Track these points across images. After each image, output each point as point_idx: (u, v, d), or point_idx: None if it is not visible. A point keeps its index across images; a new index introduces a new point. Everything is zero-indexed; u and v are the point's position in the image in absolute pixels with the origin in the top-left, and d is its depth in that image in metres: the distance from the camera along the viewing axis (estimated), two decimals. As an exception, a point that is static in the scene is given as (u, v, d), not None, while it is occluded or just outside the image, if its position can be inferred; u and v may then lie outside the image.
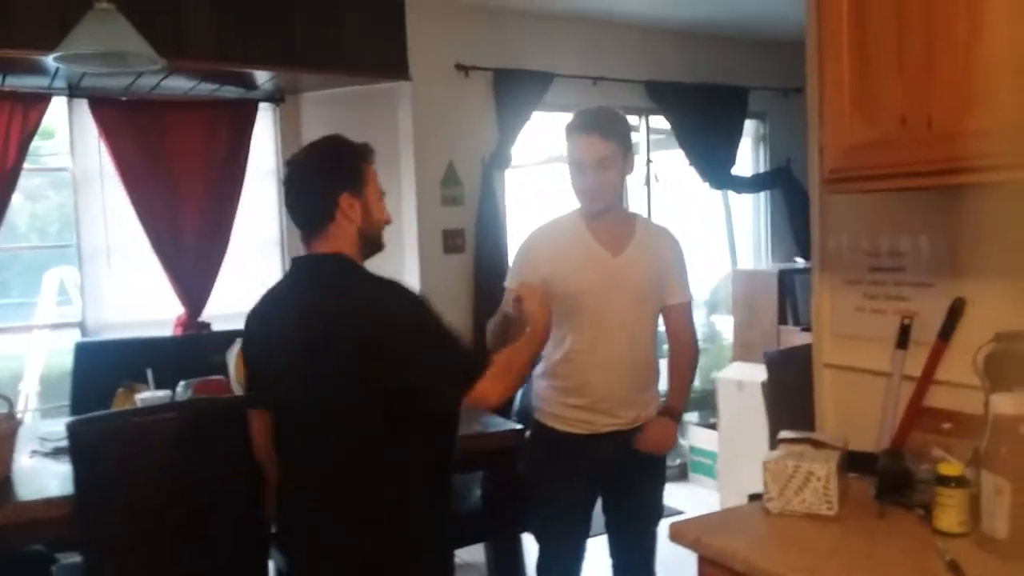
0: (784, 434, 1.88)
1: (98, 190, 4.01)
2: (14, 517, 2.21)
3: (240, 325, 3.59)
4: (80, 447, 2.15)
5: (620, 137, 2.34)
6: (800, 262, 4.95)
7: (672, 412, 2.48)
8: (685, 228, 5.62)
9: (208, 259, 4.14)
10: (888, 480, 1.76)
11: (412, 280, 4.14)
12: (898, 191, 1.83)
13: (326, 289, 1.90)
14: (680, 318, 2.53)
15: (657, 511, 2.55)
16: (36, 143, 3.88)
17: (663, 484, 2.59)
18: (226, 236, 4.19)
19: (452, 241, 4.24)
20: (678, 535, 1.69)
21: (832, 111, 1.76)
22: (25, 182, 3.93)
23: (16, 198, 3.86)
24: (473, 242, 4.29)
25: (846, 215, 2.10)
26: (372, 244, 1.99)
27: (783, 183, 5.22)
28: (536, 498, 2.49)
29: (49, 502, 2.24)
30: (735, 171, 5.10)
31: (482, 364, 1.86)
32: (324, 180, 1.92)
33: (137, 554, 2.24)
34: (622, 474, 2.44)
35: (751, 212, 5.45)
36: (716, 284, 5.60)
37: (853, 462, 1.86)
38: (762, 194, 5.36)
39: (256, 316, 2.05)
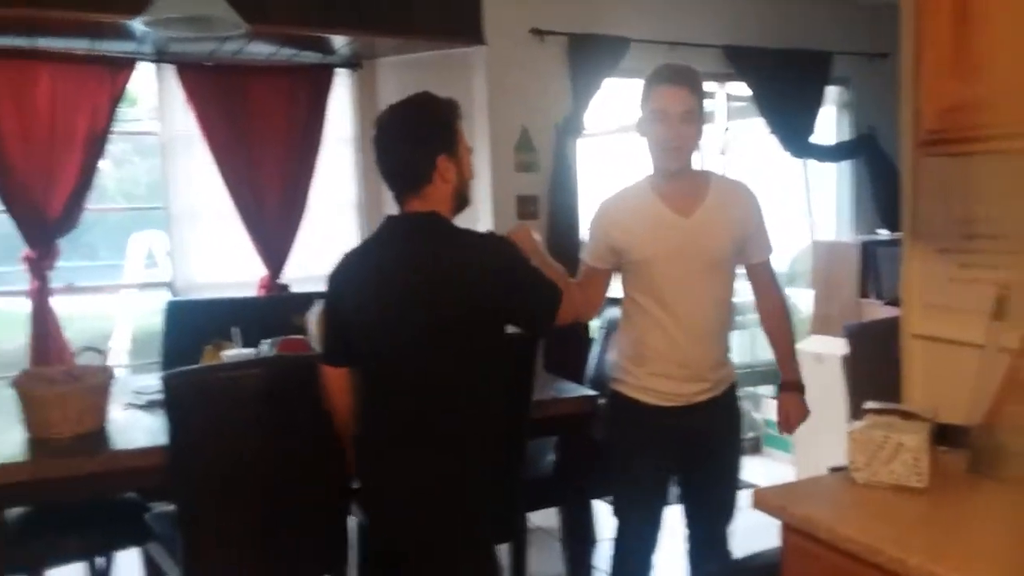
0: (870, 404, 1.84)
1: (185, 154, 4.12)
2: (110, 465, 2.32)
3: (319, 287, 3.69)
4: (174, 399, 2.24)
5: (701, 98, 2.30)
6: (884, 234, 4.80)
7: (795, 386, 2.50)
8: (762, 199, 5.51)
9: (288, 223, 4.23)
10: (981, 453, 1.71)
11: (486, 246, 4.16)
12: (997, 153, 1.75)
13: (429, 244, 1.97)
14: (767, 275, 2.48)
15: (733, 483, 2.52)
16: (121, 110, 3.99)
17: (739, 456, 2.55)
18: (304, 200, 4.27)
19: (526, 207, 4.23)
20: (761, 502, 1.67)
21: (929, 69, 1.69)
22: (111, 148, 4.05)
23: (103, 164, 4.00)
24: (547, 209, 4.28)
25: (939, 181, 2.02)
26: (463, 201, 2.05)
27: (867, 152, 5.05)
28: (614, 469, 2.48)
29: (143, 451, 2.34)
30: (816, 139, 4.95)
31: (561, 290, 2.06)
32: (422, 144, 1.95)
33: (226, 503, 2.34)
34: (698, 445, 2.40)
35: (833, 182, 5.29)
36: (794, 256, 5.48)
37: (943, 435, 1.81)
38: (844, 164, 5.20)
39: (345, 274, 2.07)
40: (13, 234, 3.80)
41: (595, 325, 3.64)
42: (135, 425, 2.57)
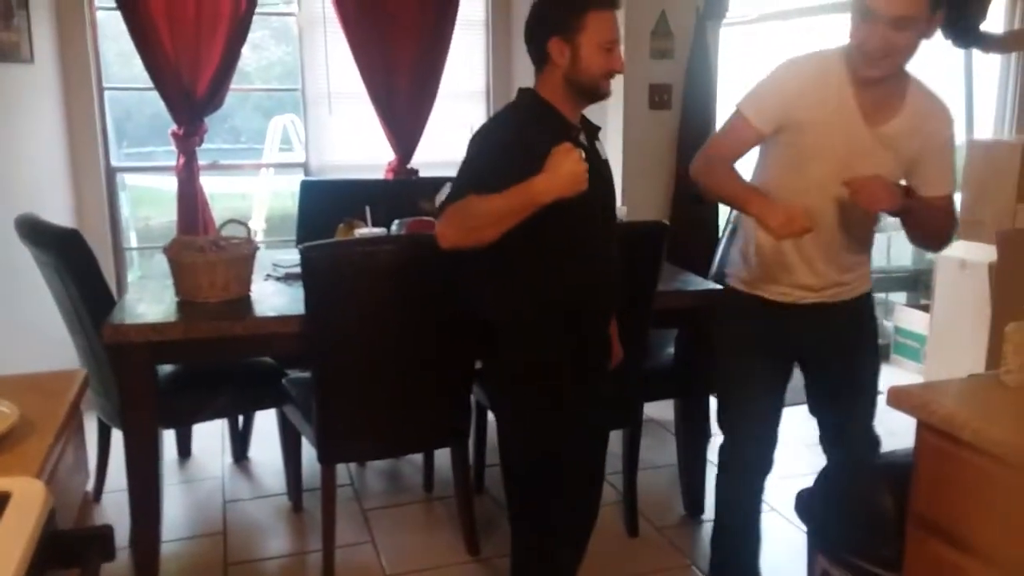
0: (1030, 307, 1.72)
1: (321, 37, 4.17)
2: (253, 329, 2.45)
3: (444, 173, 3.72)
4: (311, 269, 2.33)
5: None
6: (1051, 135, 4.39)
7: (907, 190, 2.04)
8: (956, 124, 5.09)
9: (418, 108, 4.25)
10: None
11: (615, 135, 4.07)
12: None
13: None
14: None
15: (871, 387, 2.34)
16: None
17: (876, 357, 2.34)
18: (435, 86, 4.27)
19: (658, 96, 4.08)
20: (899, 400, 1.61)
21: None
22: (250, 34, 4.10)
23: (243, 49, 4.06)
24: (680, 99, 4.12)
25: None
26: (583, 90, 1.94)
27: (1041, 42, 4.56)
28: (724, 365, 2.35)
29: (283, 319, 2.45)
30: (986, 27, 4.50)
31: (444, 205, 1.89)
32: (537, 24, 1.95)
33: (357, 371, 2.45)
34: (825, 344, 2.26)
35: (998, 75, 4.84)
36: (944, 156, 5.10)
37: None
38: (1014, 56, 4.73)
39: None
40: (162, 114, 3.99)
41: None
42: (274, 295, 2.69)
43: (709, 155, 2.11)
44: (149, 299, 2.61)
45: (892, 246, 5.26)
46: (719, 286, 2.95)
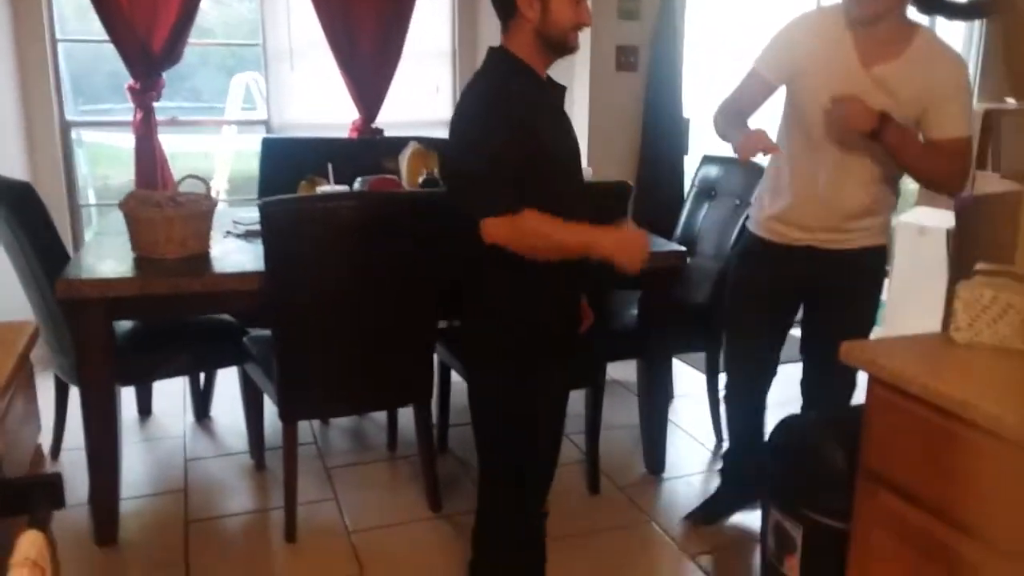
0: (981, 265, 1.75)
1: (283, -10, 4.09)
2: (212, 286, 2.41)
3: (410, 132, 3.69)
4: (272, 226, 2.30)
5: None
6: (1011, 103, 4.45)
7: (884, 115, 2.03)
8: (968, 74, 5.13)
9: (383, 66, 4.18)
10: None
11: (581, 96, 4.05)
12: None
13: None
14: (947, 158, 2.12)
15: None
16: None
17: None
18: (400, 45, 4.20)
19: (625, 58, 4.06)
20: (850, 355, 1.63)
21: None
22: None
23: (204, 3, 3.96)
24: (648, 62, 4.10)
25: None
26: (553, 44, 1.89)
27: (1004, 9, 4.60)
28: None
29: (242, 275, 2.42)
30: (949, -6, 4.54)
31: (495, 210, 1.79)
32: None
33: (319, 329, 2.43)
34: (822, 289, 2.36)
35: (961, 44, 4.89)
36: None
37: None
38: (976, 23, 4.78)
39: None
40: (120, 71, 3.88)
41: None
42: (235, 252, 2.66)
43: (723, 107, 2.32)
44: (105, 255, 2.56)
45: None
46: (683, 248, 2.98)
